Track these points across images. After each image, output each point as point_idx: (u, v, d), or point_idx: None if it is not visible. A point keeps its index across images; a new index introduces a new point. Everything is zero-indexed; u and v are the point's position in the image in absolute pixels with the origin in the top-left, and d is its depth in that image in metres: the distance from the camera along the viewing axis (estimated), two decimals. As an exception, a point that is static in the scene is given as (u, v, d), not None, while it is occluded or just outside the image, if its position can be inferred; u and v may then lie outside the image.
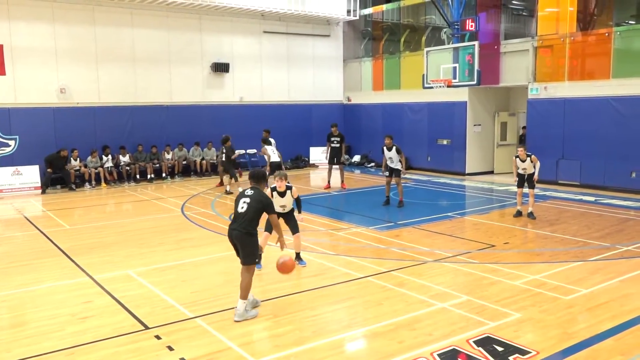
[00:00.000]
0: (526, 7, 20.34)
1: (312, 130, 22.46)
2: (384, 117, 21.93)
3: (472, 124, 19.03)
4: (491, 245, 9.56)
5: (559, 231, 10.57)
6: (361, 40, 24.35)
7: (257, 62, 21.64)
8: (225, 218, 12.26)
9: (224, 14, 20.45)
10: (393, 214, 12.50)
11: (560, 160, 16.30)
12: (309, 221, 11.90)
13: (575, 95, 15.89)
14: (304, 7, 21.16)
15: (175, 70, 19.79)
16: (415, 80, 19.13)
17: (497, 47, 17.94)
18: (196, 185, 17.64)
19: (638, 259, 8.62)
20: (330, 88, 23.65)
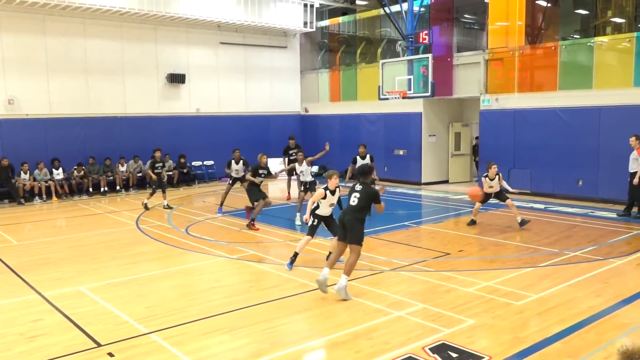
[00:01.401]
0: (477, 21, 20.98)
1: (269, 141, 22.43)
2: (342, 128, 22.12)
3: (427, 134, 19.41)
4: (446, 254, 9.75)
5: (511, 238, 10.87)
6: (318, 52, 24.55)
7: (213, 73, 21.53)
8: (182, 231, 12.09)
9: (179, 25, 20.29)
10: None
11: (512, 170, 16.79)
12: (267, 232, 11.87)
13: (524, 106, 16.44)
14: (260, 18, 21.22)
15: (129, 81, 19.48)
16: (371, 91, 19.40)
17: (450, 59, 18.40)
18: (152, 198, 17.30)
19: (584, 264, 8.95)
20: (288, 99, 23.73)
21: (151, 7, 18.52)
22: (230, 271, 9.01)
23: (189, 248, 10.49)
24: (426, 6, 18.91)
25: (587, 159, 14.97)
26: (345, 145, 21.96)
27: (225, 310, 7.03)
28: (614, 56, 14.80)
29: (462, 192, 17.28)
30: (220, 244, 10.78)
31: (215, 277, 8.57)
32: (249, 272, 8.96)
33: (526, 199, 15.71)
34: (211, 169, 21.46)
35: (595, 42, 14.97)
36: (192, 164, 20.79)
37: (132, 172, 18.99)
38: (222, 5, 20.18)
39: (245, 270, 9.06)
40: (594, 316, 6.64)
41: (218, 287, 8.07)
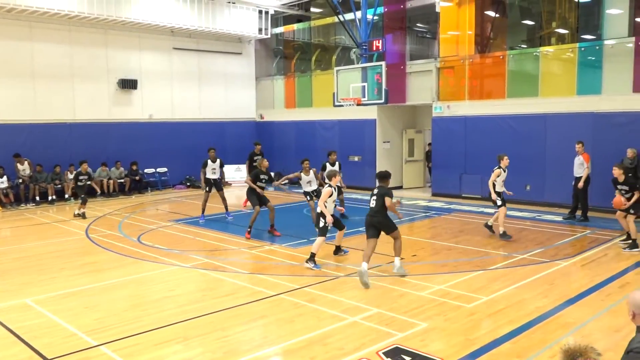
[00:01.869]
0: (429, 30, 21.44)
1: (225, 148, 22.21)
2: (297, 134, 22.16)
3: (381, 140, 19.67)
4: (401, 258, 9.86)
5: (463, 242, 11.13)
6: (273, 59, 24.55)
7: (167, 79, 21.22)
8: (134, 239, 11.84)
9: (131, 30, 19.92)
10: (305, 231, 12.60)
11: (463, 175, 17.20)
12: (222, 240, 11.76)
13: (475, 113, 16.89)
14: (215, 24, 21.06)
15: (79, 87, 18.97)
16: (326, 98, 19.52)
17: (403, 67, 18.74)
18: (102, 207, 16.90)
19: (532, 266, 9.25)
20: (243, 106, 23.60)
21: (101, 11, 18.11)
22: (183, 280, 8.87)
23: (141, 257, 10.28)
24: (379, 15, 19.20)
25: (535, 165, 15.48)
26: (300, 152, 22.00)
27: (179, 320, 6.92)
28: (558, 65, 15.41)
29: (415, 198, 17.58)
30: (173, 253, 10.61)
31: (168, 287, 8.42)
32: (202, 281, 8.85)
33: (477, 204, 16.11)
34: (164, 176, 21.11)
35: (540, 52, 15.55)
36: (144, 171, 20.39)
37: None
38: (176, 10, 19.94)
39: (199, 279, 8.94)
40: (541, 317, 6.86)
41: (171, 297, 7.93)
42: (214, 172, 14.04)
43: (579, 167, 13.10)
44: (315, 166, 13.82)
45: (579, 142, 13.15)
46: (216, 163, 14.02)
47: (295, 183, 14.85)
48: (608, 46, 14.23)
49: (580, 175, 13.05)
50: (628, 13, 14.38)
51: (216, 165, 14.04)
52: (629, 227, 10.27)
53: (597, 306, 7.25)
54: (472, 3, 17.09)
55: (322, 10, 23.04)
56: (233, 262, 9.92)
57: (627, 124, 13.71)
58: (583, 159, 13.05)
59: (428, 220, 14.00)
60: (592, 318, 6.81)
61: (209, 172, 13.97)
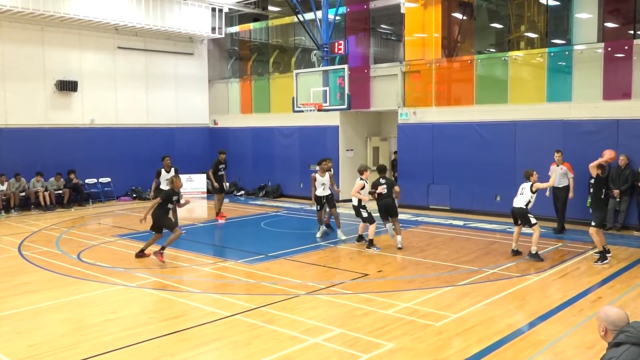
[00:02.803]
0: (394, 32, 21.76)
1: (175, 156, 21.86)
2: (254, 141, 22.08)
3: (344, 148, 19.79)
4: (365, 275, 9.94)
5: (430, 257, 11.26)
6: (228, 60, 24.45)
7: (110, 81, 20.84)
8: (73, 257, 11.52)
9: (71, 27, 19.51)
10: (263, 246, 12.54)
11: (431, 185, 17.45)
12: (172, 257, 11.56)
13: (442, 120, 17.19)
14: (164, 22, 20.84)
15: (11, 88, 18.43)
16: (285, 103, 19.50)
17: (367, 71, 18.94)
18: (37, 221, 16.39)
19: (503, 281, 9.43)
20: (195, 110, 23.39)
21: (37, 5, 17.69)
22: (128, 301, 8.67)
23: (81, 276, 10.00)
24: (341, 15, 19.41)
25: (505, 174, 15.82)
26: (258, 160, 21.97)
27: (123, 345, 6.75)
28: (527, 71, 15.87)
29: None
30: (117, 271, 10.37)
31: (111, 308, 8.22)
32: (150, 301, 8.68)
33: (445, 215, 16.36)
34: (108, 187, 20.66)
35: (509, 57, 15.99)
36: (85, 181, 19.90)
37: (14, 192, 17.87)
38: (121, 6, 19.65)
39: (146, 299, 8.77)
40: (512, 334, 7.00)
41: (114, 319, 7.74)
42: (168, 184, 13.74)
43: (563, 176, 13.35)
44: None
45: (558, 151, 13.44)
46: (171, 172, 13.74)
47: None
48: (577, 52, 14.75)
49: (564, 185, 13.30)
50: (597, 18, 14.95)
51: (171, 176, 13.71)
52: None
53: (570, 322, 7.44)
54: (439, 4, 17.46)
55: (280, 9, 23.15)
56: (184, 281, 9.76)
57: (597, 132, 14.20)
58: (567, 169, 13.35)
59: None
60: (564, 334, 6.98)
61: (163, 183, 13.68)
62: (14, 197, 17.85)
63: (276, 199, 20.78)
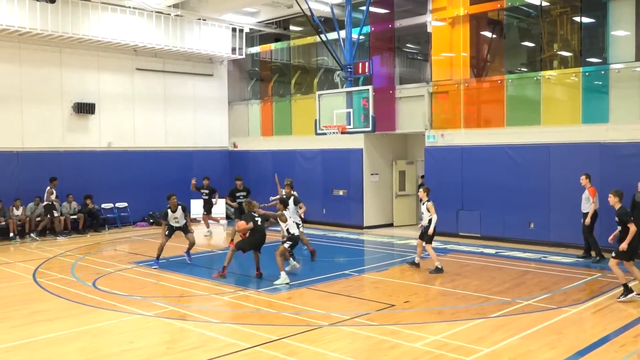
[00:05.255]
0: (421, 51, 21.88)
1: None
2: (275, 165, 22.20)
3: (369, 172, 19.82)
4: (391, 305, 9.89)
5: (461, 287, 11.17)
6: (248, 81, 24.77)
7: (128, 103, 21.25)
8: (89, 284, 11.68)
9: (89, 48, 20.01)
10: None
11: (460, 211, 17.35)
12: (188, 284, 11.65)
13: (472, 143, 17.15)
14: (183, 43, 21.24)
15: (28, 111, 18.89)
16: (307, 125, 19.65)
17: (392, 92, 19.04)
18: (52, 247, 16.66)
19: (538, 314, 9.31)
20: (214, 133, 23.69)
21: (56, 27, 18.18)
22: (145, 331, 8.75)
23: (96, 305, 10.13)
24: (366, 34, 19.60)
25: (538, 200, 15.71)
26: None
27: (139, 377, 6.81)
28: (561, 91, 15.81)
29: (407, 237, 17.65)
30: (133, 299, 10.47)
31: (128, 338, 8.30)
32: (167, 332, 8.74)
33: (476, 243, 16.23)
34: (124, 212, 20.93)
35: (542, 76, 15.96)
36: (101, 206, 20.20)
37: (30, 217, 18.20)
38: (139, 27, 20.09)
39: (163, 329, 8.83)
40: (548, 370, 6.89)
41: (131, 350, 7.81)
42: (177, 222, 13.51)
43: (586, 201, 13.33)
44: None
45: (585, 175, 13.40)
46: (178, 212, 13.43)
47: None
48: (614, 71, 14.66)
49: (587, 211, 13.27)
50: (634, 35, 14.88)
51: (178, 215, 13.45)
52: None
53: (610, 358, 7.30)
54: (467, 23, 17.55)
55: (302, 28, 23.43)
56: (202, 310, 9.82)
57: (636, 155, 14.04)
58: (589, 193, 13.29)
59: (421, 261, 14.04)
60: (604, 371, 6.86)
61: (172, 223, 13.50)
62: (30, 222, 18.17)
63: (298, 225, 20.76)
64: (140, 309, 9.77)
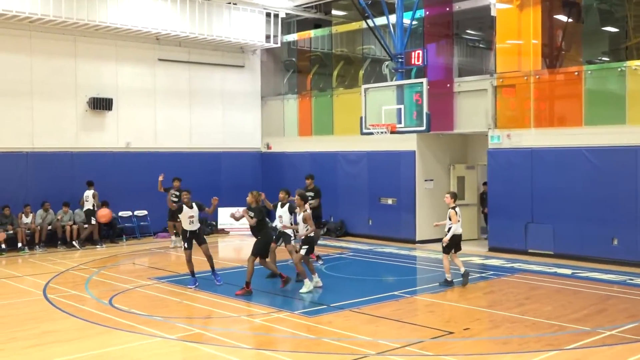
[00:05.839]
0: (483, 38, 21.68)
1: (221, 186, 22.44)
2: (314, 169, 22.14)
3: (422, 178, 19.69)
4: (449, 332, 9.79)
5: (530, 313, 10.99)
6: (284, 73, 24.94)
7: (149, 98, 21.64)
8: (105, 302, 11.90)
9: (106, 36, 20.45)
10: (324, 294, 12.57)
11: (530, 225, 17.09)
12: (217, 305, 11.76)
13: (543, 144, 16.89)
14: (210, 30, 21.52)
15: (39, 106, 19.39)
16: (351, 123, 19.64)
17: (449, 85, 18.89)
18: (64, 259, 17.05)
19: (623, 346, 9.08)
20: (245, 132, 23.91)
21: (70, 13, 18.63)
22: (167, 356, 8.86)
23: (113, 325, 10.29)
24: (419, 19, 19.50)
25: (623, 212, 15.34)
26: (318, 192, 22.09)
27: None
28: (651, 85, 15.42)
29: (468, 253, 17.43)
30: (154, 320, 10.61)
31: (148, 364, 8.43)
32: (192, 357, 8.83)
33: (548, 262, 15.95)
34: (144, 221, 21.28)
35: (627, 67, 15.60)
36: (118, 214, 20.59)
37: (41, 225, 18.66)
38: (162, 12, 20.44)
39: (188, 355, 8.93)
40: (636, 413, 6.72)
41: (152, 378, 7.92)
42: (192, 222, 13.16)
43: None
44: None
45: None
46: (193, 209, 13.19)
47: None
48: None
49: None
50: None
51: (194, 212, 13.14)
52: None
53: None
54: (538, 5, 17.30)
55: (346, 13, 23.49)
56: (231, 334, 9.88)
57: None
58: None
59: (484, 282, 13.88)
60: None
61: (186, 222, 13.14)
62: (41, 230, 18.61)
63: (340, 238, 20.82)
64: (161, 331, 9.89)
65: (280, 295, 12.60)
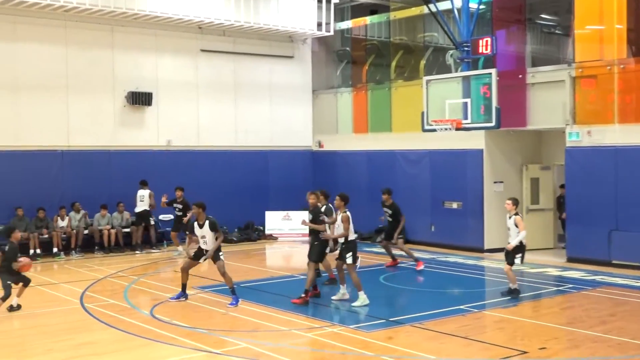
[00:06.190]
0: (560, 23, 21.32)
1: (268, 188, 22.60)
2: (370, 169, 22.25)
3: (491, 180, 19.48)
4: (522, 352, 9.66)
5: (614, 331, 10.76)
6: (337, 64, 24.96)
7: (191, 92, 21.92)
8: (145, 312, 12.09)
9: (145, 26, 20.78)
10: (382, 307, 12.53)
11: (614, 232, 16.75)
12: (265, 317, 11.83)
13: (630, 142, 16.54)
14: (257, 18, 21.66)
15: (75, 102, 19.81)
16: (411, 119, 19.59)
17: (522, 76, 18.63)
18: (102, 265, 17.39)
19: None
20: (295, 129, 24.02)
21: (107, 2, 18.96)
22: None
23: (154, 337, 10.44)
24: (487, 3, 19.30)
25: None
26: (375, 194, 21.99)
27: None
28: None
29: (542, 263, 17.18)
30: (198, 333, 10.73)
31: (192, 381, 8.54)
32: (239, 374, 8.90)
33: (635, 275, 15.59)
34: (185, 226, 21.52)
35: None
36: (159, 217, 20.91)
37: (77, 229, 19.06)
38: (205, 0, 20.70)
39: (235, 371, 9.00)
40: None
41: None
42: (205, 243, 12.78)
43: None
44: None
45: None
46: (205, 228, 12.62)
47: None
48: None
49: None
50: None
51: (205, 232, 12.66)
52: None
53: None
54: (623, -15, 16.97)
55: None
56: (280, 349, 9.91)
57: None
58: None
59: (561, 297, 13.65)
60: None
61: (200, 242, 12.87)
62: (77, 235, 19.00)
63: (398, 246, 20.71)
64: (206, 345, 9.99)
65: (334, 308, 12.62)
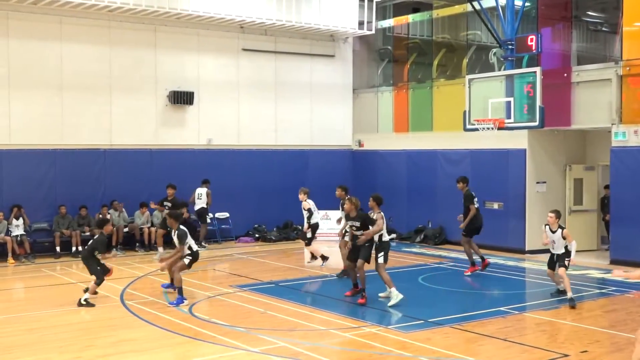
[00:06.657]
0: (607, 20, 21.00)
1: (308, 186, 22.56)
2: (410, 169, 22.19)
3: (533, 181, 19.30)
4: (563, 355, 9.56)
5: (660, 335, 10.59)
6: (378, 63, 24.93)
7: (232, 91, 22.09)
8: (184, 310, 12.24)
9: (187, 25, 21.02)
10: (421, 308, 12.50)
11: (660, 236, 16.50)
12: (303, 316, 11.89)
13: (678, 142, 16.28)
14: (299, 17, 21.77)
15: (118, 101, 20.12)
16: (453, 118, 19.50)
17: (567, 75, 18.43)
18: (142, 263, 17.63)
19: None
20: (335, 128, 24.07)
21: (150, 1, 19.21)
22: None
23: (193, 335, 10.57)
24: (532, 0, 19.10)
25: None
26: (415, 194, 22.01)
27: None
28: None
29: (586, 265, 16.96)
30: (236, 331, 10.83)
31: (230, 378, 8.63)
32: (276, 373, 8.97)
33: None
34: (225, 224, 21.70)
35: None
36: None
37: (118, 226, 19.36)
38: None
39: (272, 370, 9.07)
40: None
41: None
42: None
43: None
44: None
45: None
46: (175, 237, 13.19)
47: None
48: None
49: None
50: None
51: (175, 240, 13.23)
52: None
53: None
54: (674, -20, 16.66)
55: (448, -6, 23.26)
56: (318, 349, 9.95)
57: None
58: None
59: (604, 300, 13.47)
60: None
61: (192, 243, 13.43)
62: (118, 232, 19.31)
63: (438, 246, 20.66)
64: (244, 343, 10.08)
65: (372, 308, 12.61)
